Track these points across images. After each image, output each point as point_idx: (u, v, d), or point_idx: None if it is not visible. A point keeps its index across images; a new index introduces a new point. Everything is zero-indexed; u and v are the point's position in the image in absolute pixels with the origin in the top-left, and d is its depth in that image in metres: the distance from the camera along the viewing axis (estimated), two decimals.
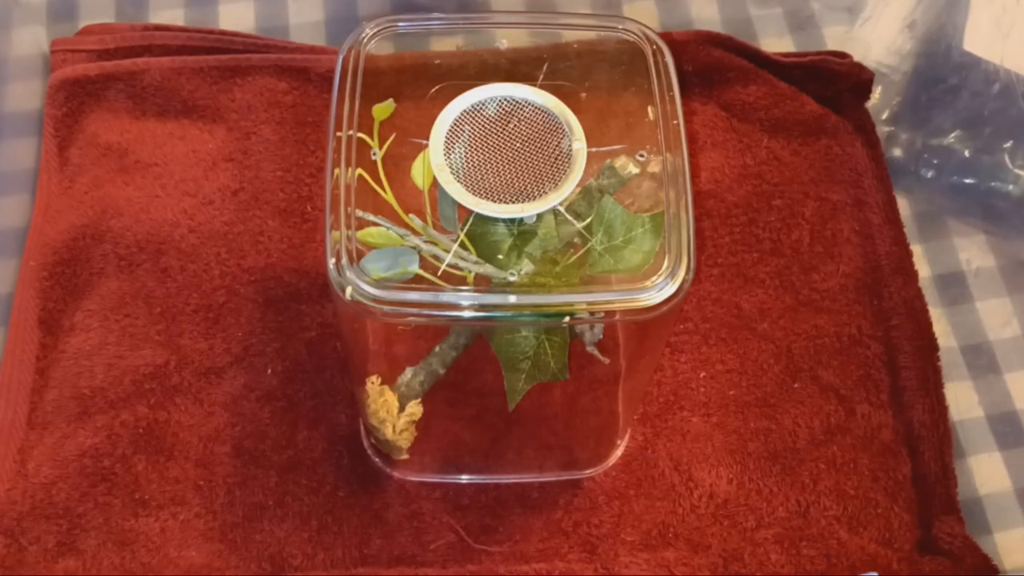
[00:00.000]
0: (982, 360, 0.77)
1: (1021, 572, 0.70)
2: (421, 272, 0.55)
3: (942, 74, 0.81)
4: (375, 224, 0.55)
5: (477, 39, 0.63)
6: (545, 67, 0.58)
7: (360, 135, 0.56)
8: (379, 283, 0.53)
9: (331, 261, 0.53)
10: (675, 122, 0.57)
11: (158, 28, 0.84)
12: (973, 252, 0.80)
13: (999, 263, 0.80)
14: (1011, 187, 0.79)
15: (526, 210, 0.54)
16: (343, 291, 0.53)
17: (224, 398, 0.71)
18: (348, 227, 0.54)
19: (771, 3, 0.89)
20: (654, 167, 0.57)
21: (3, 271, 0.75)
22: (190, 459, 0.69)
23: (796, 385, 0.74)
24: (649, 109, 0.58)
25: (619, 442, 0.71)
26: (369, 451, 0.70)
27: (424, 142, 0.55)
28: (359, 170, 0.55)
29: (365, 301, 0.53)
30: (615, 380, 0.68)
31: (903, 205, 0.81)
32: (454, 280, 0.55)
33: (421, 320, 0.55)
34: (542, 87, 0.57)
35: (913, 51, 0.84)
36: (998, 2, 0.80)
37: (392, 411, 0.63)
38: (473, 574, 0.67)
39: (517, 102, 0.56)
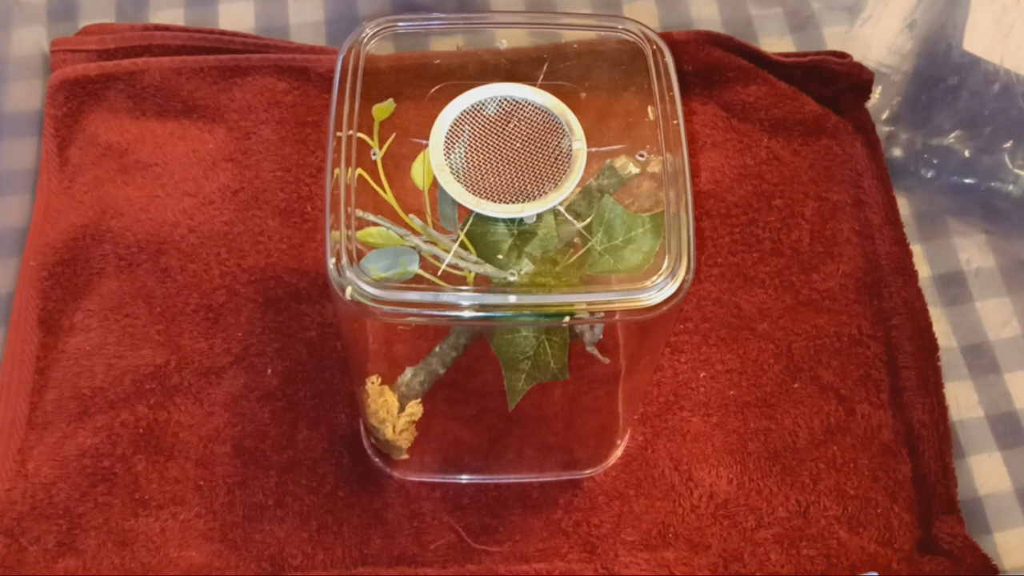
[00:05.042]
0: (982, 360, 0.77)
1: (1021, 572, 0.69)
2: (421, 272, 0.55)
3: (942, 74, 0.81)
4: (375, 224, 0.55)
5: (477, 39, 0.63)
6: (545, 67, 0.58)
7: (360, 135, 0.56)
8: (379, 283, 0.53)
9: (331, 261, 0.53)
10: (675, 122, 0.57)
11: (158, 28, 0.84)
12: (973, 252, 0.80)
13: (999, 263, 0.80)
14: (1011, 187, 0.80)
15: (526, 210, 0.54)
16: (343, 291, 0.53)
17: (224, 398, 0.71)
18: (348, 227, 0.54)
19: (771, 3, 0.89)
20: (654, 167, 0.57)
21: (3, 271, 0.75)
22: (190, 459, 0.69)
23: (796, 385, 0.74)
24: (649, 109, 0.58)
25: (619, 442, 0.71)
26: (369, 451, 0.70)
27: (424, 142, 0.55)
28: (359, 170, 0.55)
29: (365, 301, 0.53)
30: (615, 380, 0.68)
31: (903, 205, 0.81)
32: (454, 280, 0.55)
33: (421, 320, 0.55)
34: (542, 87, 0.57)
35: (913, 51, 0.84)
36: (998, 2, 0.80)
37: (392, 411, 0.63)
38: (473, 574, 0.67)
39: (517, 102, 0.56)
